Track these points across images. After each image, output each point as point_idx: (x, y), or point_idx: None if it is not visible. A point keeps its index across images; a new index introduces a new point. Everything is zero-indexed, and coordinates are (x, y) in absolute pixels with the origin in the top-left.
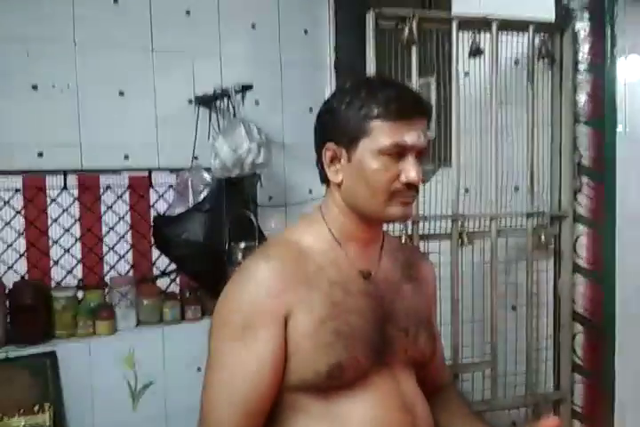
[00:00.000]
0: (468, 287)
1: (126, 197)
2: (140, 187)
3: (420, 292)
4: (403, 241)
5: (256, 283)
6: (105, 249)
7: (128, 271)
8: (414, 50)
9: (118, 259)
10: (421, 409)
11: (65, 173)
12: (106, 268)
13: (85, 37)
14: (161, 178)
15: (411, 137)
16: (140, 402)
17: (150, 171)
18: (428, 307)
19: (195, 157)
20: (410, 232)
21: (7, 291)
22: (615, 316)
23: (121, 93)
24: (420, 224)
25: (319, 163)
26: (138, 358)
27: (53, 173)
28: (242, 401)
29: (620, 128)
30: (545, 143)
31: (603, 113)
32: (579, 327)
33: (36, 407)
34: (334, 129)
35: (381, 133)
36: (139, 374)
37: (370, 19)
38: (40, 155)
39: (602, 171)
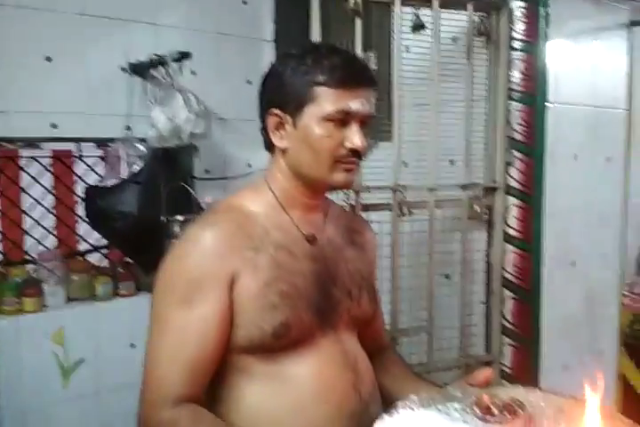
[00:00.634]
0: (405, 256)
1: (52, 168)
2: (67, 158)
3: (362, 256)
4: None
5: (201, 248)
6: (30, 223)
7: (55, 246)
8: (358, 23)
9: (44, 233)
10: (364, 367)
11: None
12: (31, 243)
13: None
14: (90, 149)
15: (355, 104)
16: (70, 379)
17: (79, 141)
18: (369, 271)
19: (128, 128)
20: (353, 202)
21: None
22: (541, 282)
23: (48, 59)
24: (363, 195)
25: (263, 129)
26: (68, 334)
27: None
28: (186, 361)
29: (550, 104)
30: (480, 118)
31: (534, 90)
32: (508, 294)
33: None
34: (279, 95)
35: (326, 100)
36: (69, 351)
37: None
38: None
39: (532, 145)
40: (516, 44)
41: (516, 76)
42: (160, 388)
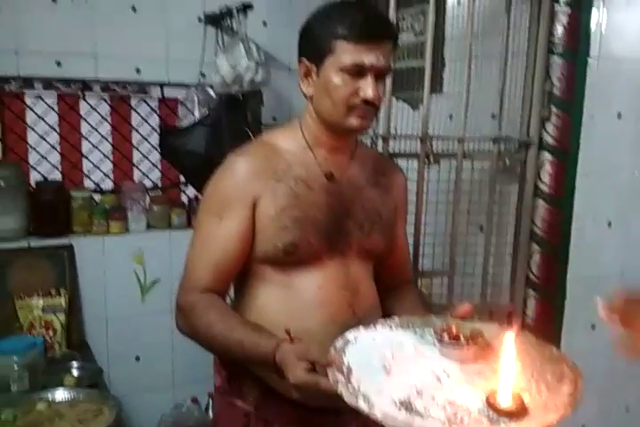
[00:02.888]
0: (432, 204)
1: (142, 109)
2: (151, 101)
3: (385, 198)
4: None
5: (232, 173)
6: (119, 158)
7: (142, 180)
8: None
9: (131, 167)
10: (364, 290)
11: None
12: (119, 175)
13: None
14: (171, 93)
15: (369, 58)
16: (147, 296)
17: (160, 84)
18: (391, 211)
19: (202, 74)
20: (380, 150)
21: (31, 189)
22: (570, 239)
23: (134, 9)
24: (391, 143)
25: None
26: (147, 256)
27: (71, 81)
28: (213, 261)
29: (591, 61)
30: (519, 72)
31: (577, 45)
32: (536, 248)
33: (54, 291)
34: (308, 46)
35: (344, 53)
36: (147, 271)
37: None
38: (58, 64)
39: (571, 101)
40: None
41: (559, 29)
42: (190, 279)
